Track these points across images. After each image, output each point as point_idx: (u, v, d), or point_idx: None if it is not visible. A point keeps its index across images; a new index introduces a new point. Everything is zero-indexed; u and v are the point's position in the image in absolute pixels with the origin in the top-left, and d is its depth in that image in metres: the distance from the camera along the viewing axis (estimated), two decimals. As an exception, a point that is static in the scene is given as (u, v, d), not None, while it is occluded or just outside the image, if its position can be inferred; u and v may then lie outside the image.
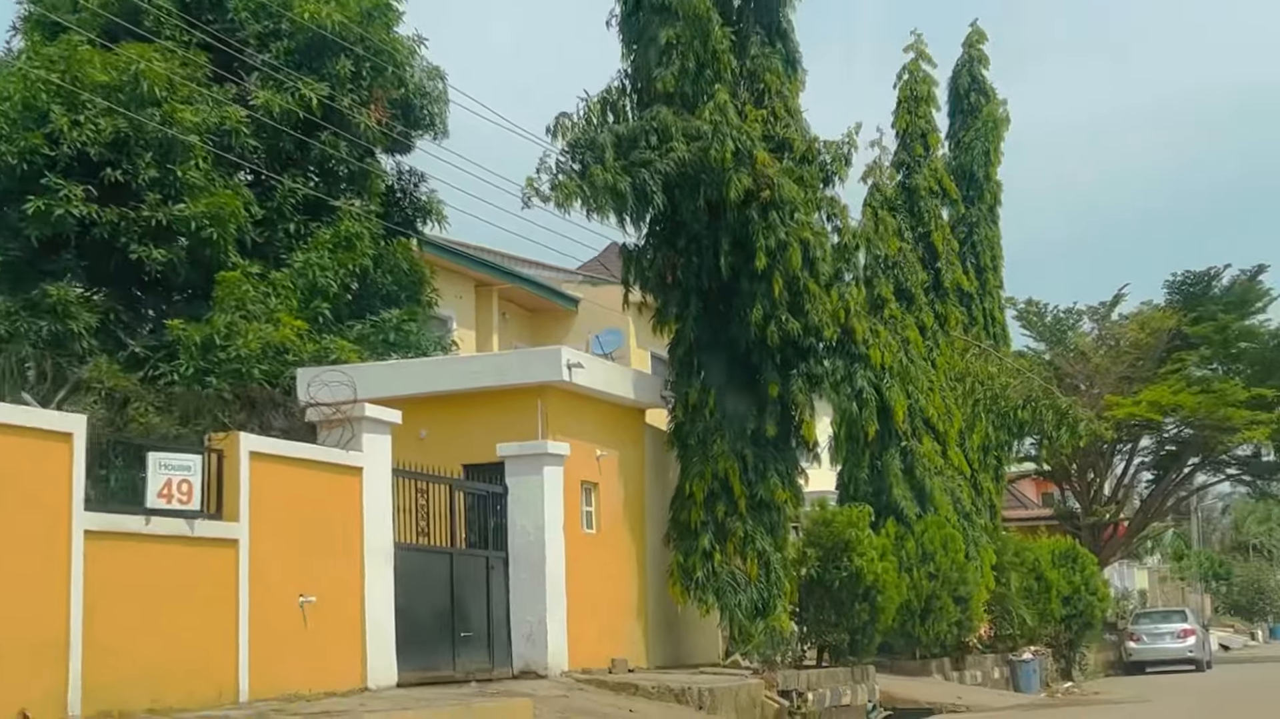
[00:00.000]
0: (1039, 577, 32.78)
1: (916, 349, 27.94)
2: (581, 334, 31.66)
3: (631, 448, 19.99)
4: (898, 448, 27.33)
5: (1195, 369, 42.84)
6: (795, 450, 20.62)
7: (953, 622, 26.24)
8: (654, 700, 16.75)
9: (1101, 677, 37.84)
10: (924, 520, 26.59)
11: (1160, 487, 46.87)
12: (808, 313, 19.41)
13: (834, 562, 21.55)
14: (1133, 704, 23.89)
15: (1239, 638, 77.46)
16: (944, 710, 22.43)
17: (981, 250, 34.87)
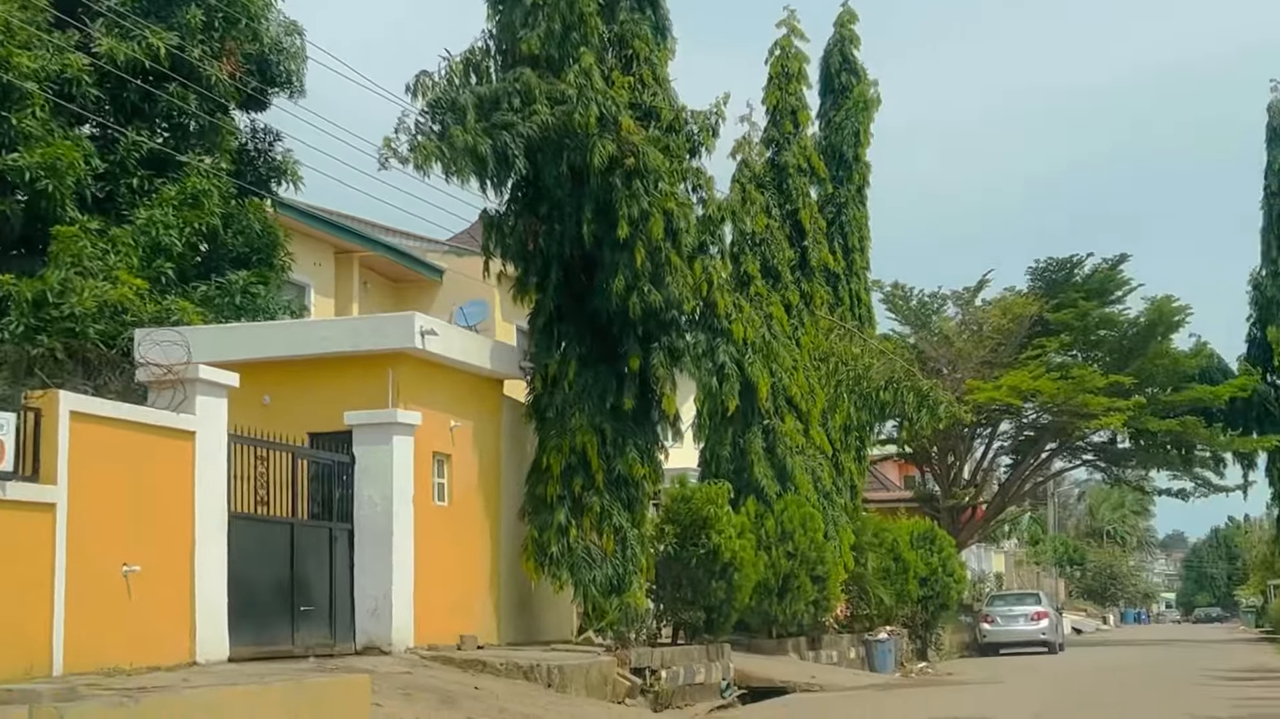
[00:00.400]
0: (897, 558, 32.94)
1: (781, 327, 27.84)
2: (446, 305, 30.97)
3: (488, 419, 19.46)
4: (760, 426, 27.20)
5: (1055, 355, 43.48)
6: (656, 425, 20.23)
7: (810, 601, 26.18)
8: (502, 678, 16.29)
9: (956, 657, 38.23)
10: (784, 499, 26.51)
11: (1018, 471, 47.56)
12: (670, 285, 19.01)
13: (692, 539, 21.25)
14: (984, 685, 23.99)
15: (1091, 622, 79.32)
16: (798, 689, 22.29)
17: (849, 231, 34.90)
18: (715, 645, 21.74)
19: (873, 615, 30.91)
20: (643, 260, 18.63)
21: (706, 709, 20.14)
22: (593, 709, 15.74)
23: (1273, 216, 44.26)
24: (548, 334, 19.60)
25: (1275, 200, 44.22)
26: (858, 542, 30.18)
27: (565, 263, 19.38)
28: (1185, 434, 43.38)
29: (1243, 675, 25.71)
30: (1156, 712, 17.03)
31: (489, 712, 13.91)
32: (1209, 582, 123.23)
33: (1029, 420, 45.35)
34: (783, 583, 25.74)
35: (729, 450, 27.31)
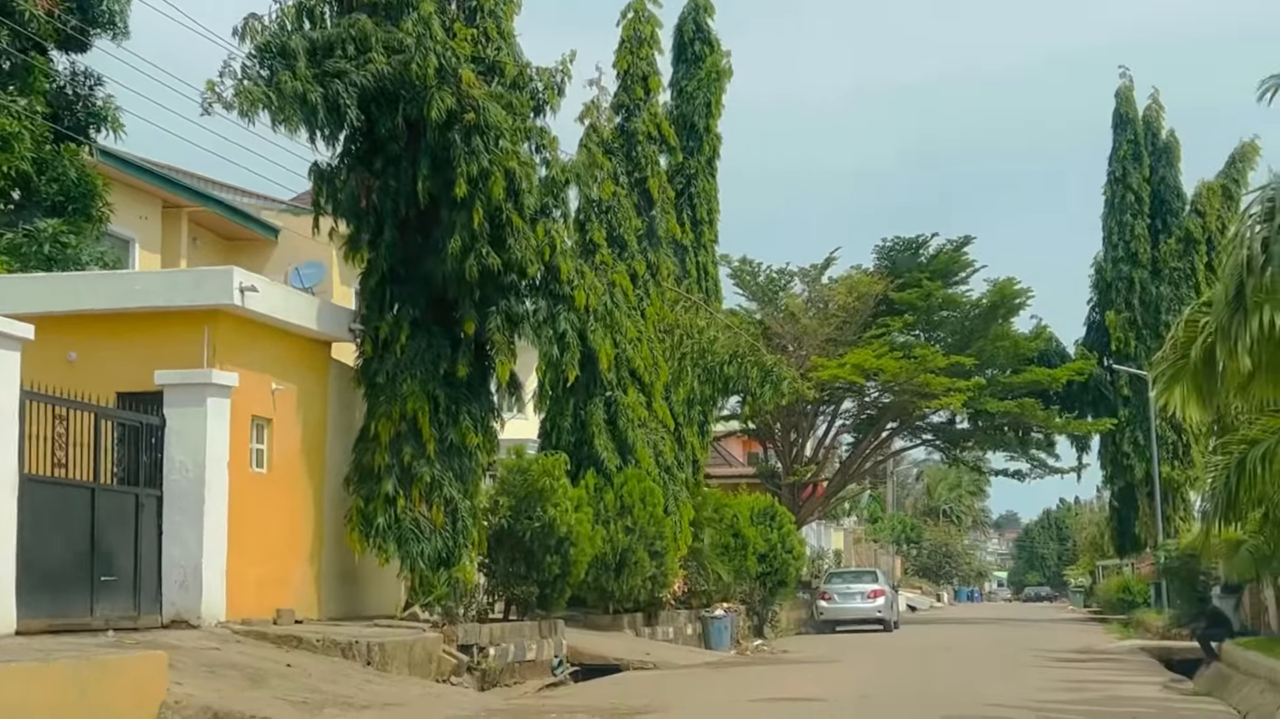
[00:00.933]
0: (736, 534, 32.70)
1: (626, 297, 27.26)
2: (282, 266, 29.85)
3: (314, 383, 18.53)
4: (602, 398, 26.63)
5: (899, 335, 43.70)
6: (491, 394, 19.50)
7: (647, 577, 25.71)
8: (317, 654, 15.46)
9: (793, 634, 38.19)
10: (625, 473, 25.99)
11: (859, 449, 47.83)
12: (510, 247, 18.26)
13: (527, 512, 20.58)
14: (818, 664, 23.75)
15: (926, 599, 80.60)
16: (631, 667, 21.80)
17: (698, 203, 34.51)
18: (548, 622, 21.14)
19: (711, 592, 30.59)
20: (481, 221, 17.85)
21: (536, 687, 19.53)
22: (412, 688, 14.98)
23: (1114, 202, 45.03)
24: (379, 296, 18.73)
25: (1118, 186, 44.99)
26: (697, 517, 29.84)
27: (400, 221, 18.52)
28: (1022, 416, 43.99)
29: (1074, 657, 25.90)
30: (993, 693, 16.83)
31: (299, 691, 13.08)
32: (1040, 562, 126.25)
33: (871, 399, 45.59)
34: (620, 558, 25.24)
35: (570, 422, 26.72)
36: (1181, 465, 43.87)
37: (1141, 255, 44.52)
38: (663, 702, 15.41)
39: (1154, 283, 44.56)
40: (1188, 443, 43.90)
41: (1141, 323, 44.36)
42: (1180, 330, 11.63)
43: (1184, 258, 44.26)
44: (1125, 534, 46.79)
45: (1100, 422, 44.44)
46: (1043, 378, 43.73)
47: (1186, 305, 43.87)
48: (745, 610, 34.63)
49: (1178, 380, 11.39)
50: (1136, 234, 44.54)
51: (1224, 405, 12.47)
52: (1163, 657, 26.07)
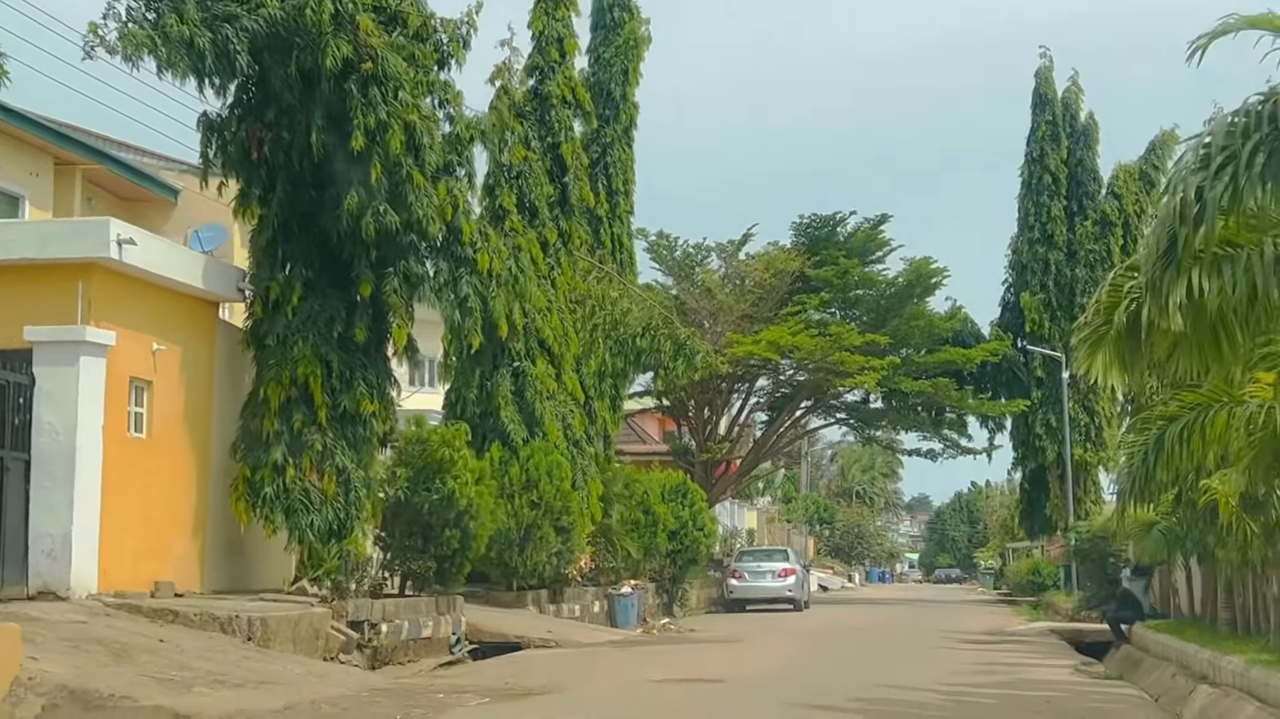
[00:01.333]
0: (647, 510, 32.09)
1: (536, 265, 26.53)
2: (183, 229, 28.74)
3: (200, 344, 17.62)
4: (510, 368, 25.91)
5: (815, 313, 43.26)
6: (388, 359, 18.67)
7: (553, 552, 25.01)
8: (194, 629, 14.61)
9: (703, 613, 37.70)
10: (531, 445, 25.29)
11: (773, 427, 47.39)
12: (410, 205, 17.42)
13: (425, 483, 19.76)
14: (725, 644, 23.19)
15: (838, 579, 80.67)
16: (532, 645, 21.10)
17: (614, 173, 33.82)
18: (447, 598, 20.37)
19: (619, 569, 29.95)
20: (379, 176, 17.01)
21: (432, 666, 18.76)
22: (294, 666, 14.17)
23: (1031, 183, 44.86)
24: (271, 254, 17.84)
25: (1036, 166, 44.81)
26: (606, 492, 29.17)
27: (293, 176, 17.62)
28: (936, 396, 43.75)
29: (985, 638, 25.57)
30: (903, 675, 16.33)
31: (168, 668, 12.25)
32: (950, 544, 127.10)
33: (786, 377, 45.14)
34: (525, 533, 24.54)
35: (476, 393, 25.98)
36: (1093, 448, 43.90)
37: (1058, 237, 44.39)
38: (558, 682, 14.73)
39: (1069, 265, 44.47)
40: (1100, 425, 43.95)
41: (1056, 305, 44.26)
42: (1104, 294, 11.03)
43: (1100, 240, 44.16)
44: (1035, 516, 46.78)
45: (1013, 403, 44.33)
46: (957, 358, 43.53)
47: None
48: (654, 588, 34.08)
49: (1099, 347, 10.81)
50: (1053, 216, 44.39)
51: (1147, 375, 11.89)
52: (1073, 639, 25.81)
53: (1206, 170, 8.06)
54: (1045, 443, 44.10)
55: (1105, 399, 44.06)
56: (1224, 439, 13.99)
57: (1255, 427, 13.39)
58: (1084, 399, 43.59)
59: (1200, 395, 13.93)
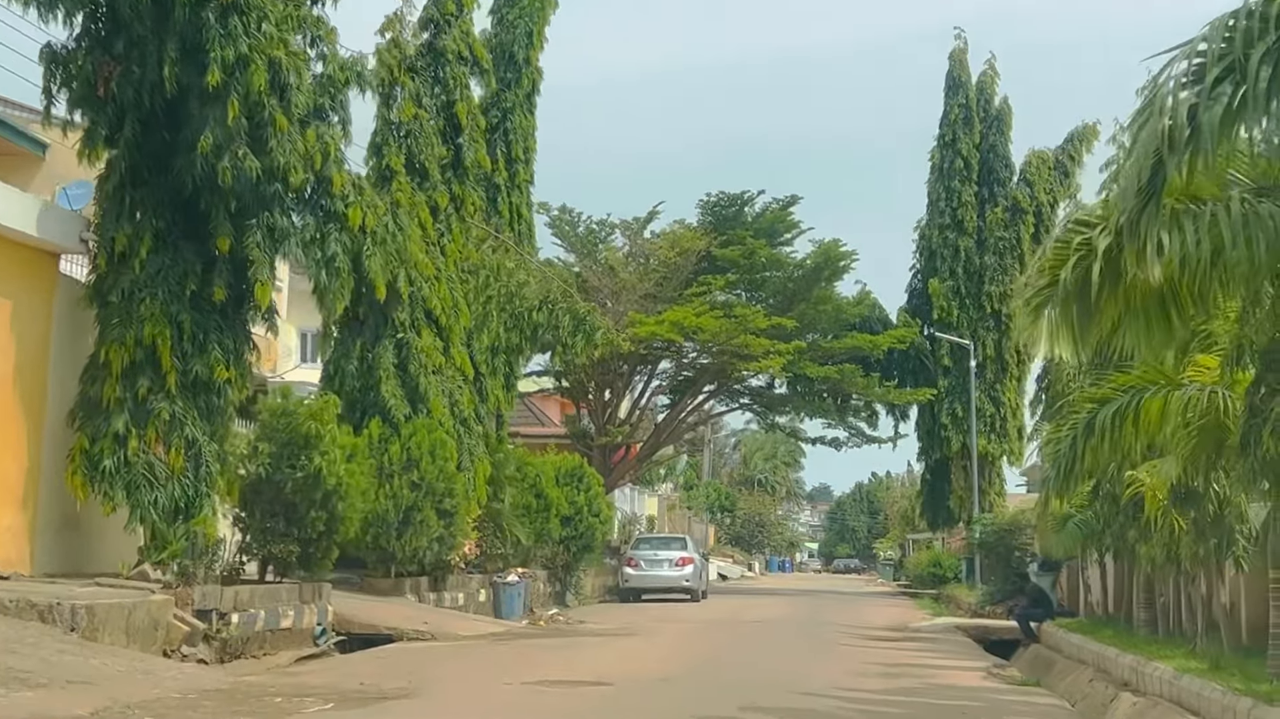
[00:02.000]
0: (539, 494, 30.61)
1: (426, 232, 24.93)
2: (51, 185, 26.75)
3: (35, 299, 15.81)
4: (393, 340, 24.26)
5: (720, 294, 41.91)
6: (248, 322, 16.94)
7: (434, 537, 23.41)
8: (8, 618, 12.83)
9: (597, 602, 36.27)
10: (413, 423, 23.66)
11: (674, 411, 46.01)
12: (273, 151, 15.70)
13: (290, 459, 18.04)
14: (615, 638, 21.72)
15: (737, 568, 79.61)
16: (405, 638, 19.52)
17: (514, 139, 32.21)
18: (312, 585, 18.69)
19: (508, 555, 28.38)
20: (238, 116, 15.27)
21: (289, 660, 17.10)
22: (119, 662, 12.46)
23: (943, 168, 43.82)
24: (118, 201, 16.01)
25: (948, 151, 43.78)
26: (496, 475, 27.57)
27: (144, 115, 15.80)
28: (842, 382, 42.63)
29: (889, 635, 24.35)
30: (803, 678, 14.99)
31: (-44, 665, 10.53)
32: (850, 534, 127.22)
33: (689, 360, 43.77)
34: (404, 516, 22.93)
35: (357, 365, 24.29)
36: (999, 439, 43.07)
37: (968, 223, 43.43)
38: (421, 683, 13.17)
39: (979, 252, 43.52)
40: (1005, 416, 43.15)
41: (965, 292, 43.31)
42: (1049, 251, 9.67)
43: (1010, 228, 43.26)
44: (938, 508, 45.86)
45: (920, 391, 43.33)
46: (864, 344, 42.42)
47: (1010, 276, 43.12)
48: (547, 576, 32.61)
49: (1045, 308, 9.46)
50: (964, 201, 43.40)
51: (1096, 346, 10.55)
52: (980, 636, 24.73)
53: (1201, 84, 6.68)
54: (950, 433, 43.16)
55: (1011, 389, 43.31)
56: (1157, 426, 12.82)
57: (1195, 413, 12.21)
58: (990, 389, 42.81)
59: (1135, 377, 12.72)
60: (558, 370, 44.31)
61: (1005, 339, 42.89)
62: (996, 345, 42.91)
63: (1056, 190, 43.20)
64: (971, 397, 41.06)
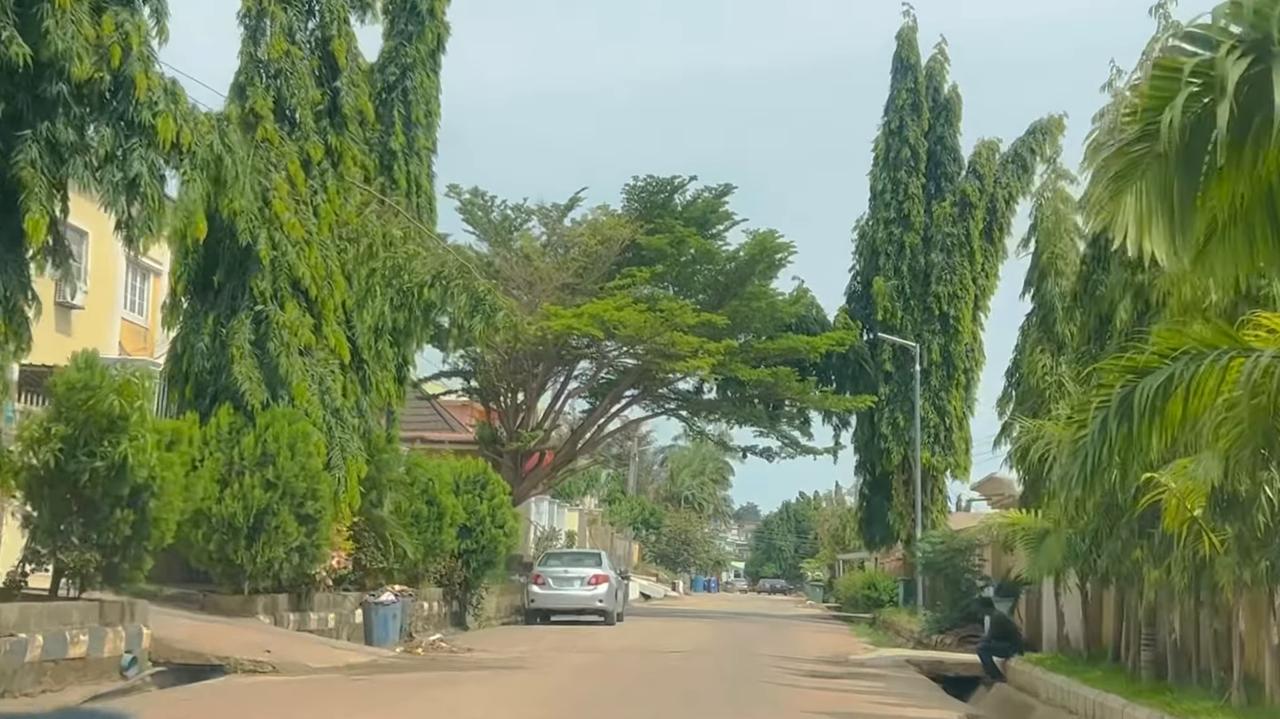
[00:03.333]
0: (431, 501, 26.86)
1: (296, 188, 21.25)
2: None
3: None
4: (250, 312, 20.51)
5: (646, 288, 38.24)
6: (25, 262, 13.15)
7: (293, 547, 19.65)
8: None
9: (500, 624, 32.53)
10: (271, 411, 19.93)
11: (594, 415, 42.29)
12: (49, 36, 11.99)
13: (88, 445, 14.29)
14: (500, 671, 17.99)
15: (661, 587, 75.99)
16: (240, 669, 15.81)
17: (414, 100, 28.42)
18: (120, 603, 14.98)
19: (393, 570, 24.62)
20: (4, -16, 11.53)
21: (82, 697, 13.46)
22: None
23: (889, 157, 40.44)
24: None
25: (894, 139, 40.35)
26: (378, 477, 23.85)
27: (-123, -19, 12.01)
28: (776, 387, 39.07)
29: (829, 669, 20.75)
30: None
31: None
32: (777, 554, 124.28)
33: (611, 359, 40.08)
34: (256, 521, 19.20)
35: (208, 342, 20.53)
36: (943, 452, 39.61)
37: (914, 218, 39.91)
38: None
39: (925, 249, 40.09)
40: (950, 427, 39.75)
41: (910, 292, 39.79)
42: (1145, 85, 6.12)
43: (959, 223, 39.83)
44: (876, 525, 42.41)
45: (860, 398, 39.78)
46: (801, 346, 38.90)
47: (959, 274, 39.87)
48: (442, 594, 28.88)
49: (1134, 180, 5.97)
50: (910, 194, 39.91)
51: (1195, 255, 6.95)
52: (933, 671, 21.23)
53: None
54: (891, 444, 39.63)
55: (957, 398, 40.02)
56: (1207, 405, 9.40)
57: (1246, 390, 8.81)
58: (935, 397, 39.40)
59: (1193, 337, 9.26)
60: (465, 369, 40.60)
61: (953, 343, 39.54)
62: (943, 350, 39.47)
63: (1013, 185, 39.95)
64: (916, 404, 37.68)
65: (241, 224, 20.37)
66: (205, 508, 19.02)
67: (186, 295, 21.15)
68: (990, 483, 29.05)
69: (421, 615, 27.19)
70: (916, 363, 37.50)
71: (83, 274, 29.29)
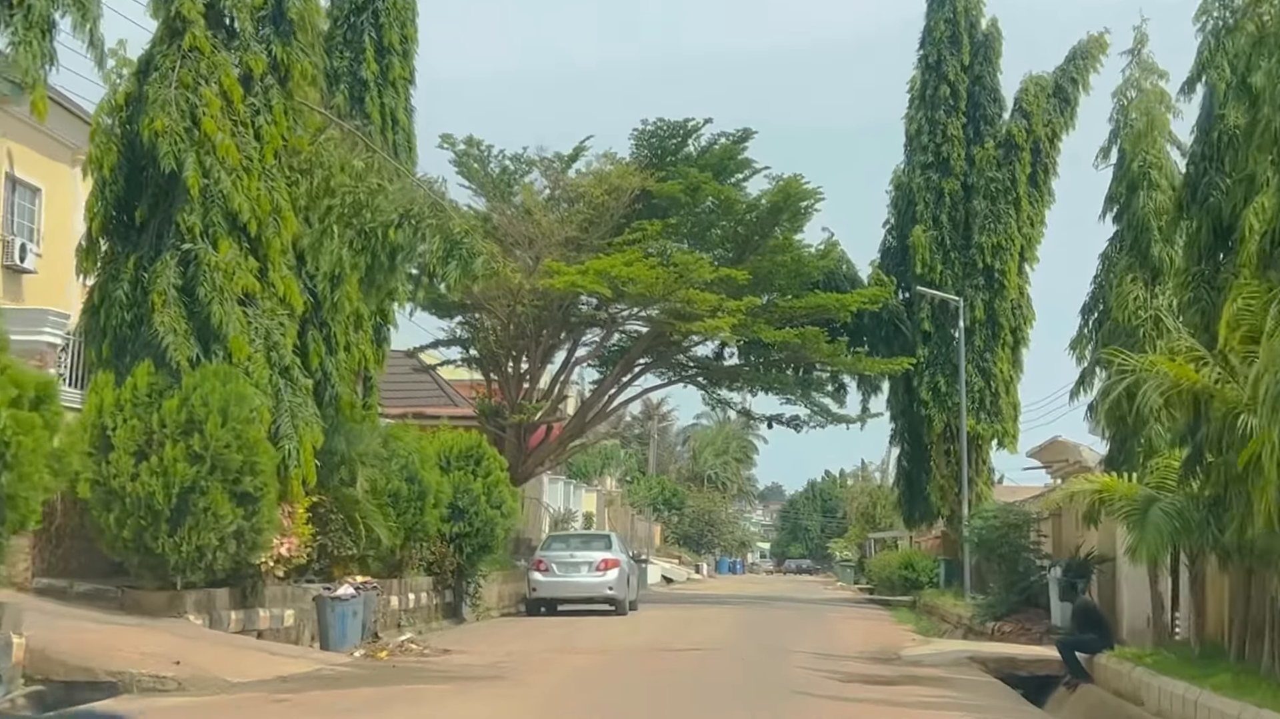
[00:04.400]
0: (412, 478, 23.48)
1: (233, 106, 17.84)
2: None
3: None
4: (177, 253, 17.15)
5: (658, 244, 34.62)
6: None
7: (228, 532, 16.25)
8: None
9: (500, 616, 29.19)
10: (202, 370, 16.54)
11: (604, 384, 38.74)
12: None
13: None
14: (476, 682, 14.51)
15: (684, 570, 72.54)
16: (136, 687, 12.45)
17: (386, 23, 25.24)
18: (-27, 606, 11.64)
19: (365, 557, 21.28)
20: None
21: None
22: None
23: (926, 95, 36.70)
24: None
25: (931, 75, 36.52)
26: (348, 451, 20.52)
27: None
28: (803, 349, 35.43)
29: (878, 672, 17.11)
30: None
31: None
32: (803, 533, 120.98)
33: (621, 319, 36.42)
34: (180, 501, 15.82)
35: (127, 289, 17.19)
36: (989, 418, 35.92)
37: (954, 163, 36.19)
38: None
39: (966, 197, 36.37)
40: (997, 391, 36.08)
41: (950, 243, 36.06)
42: None
43: (1003, 167, 36.02)
44: (915, 500, 38.87)
45: (897, 360, 36.03)
46: (830, 304, 35.24)
47: (1004, 224, 36.24)
48: (432, 584, 25.58)
49: None
50: (950, 135, 36.14)
51: None
52: (1004, 670, 17.64)
53: None
54: (932, 411, 35.99)
55: (1004, 360, 36.35)
56: None
57: None
58: (980, 359, 35.73)
59: None
60: (463, 338, 37.21)
61: (998, 299, 35.76)
62: (988, 307, 35.67)
63: (1055, 121, 36.24)
64: (961, 365, 34.02)
65: (164, 147, 17.12)
66: (117, 486, 15.78)
67: (105, 236, 17.82)
68: (1053, 447, 25.55)
69: (405, 609, 23.88)
70: (961, 318, 33.87)
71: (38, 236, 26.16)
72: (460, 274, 20.69)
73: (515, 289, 31.22)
